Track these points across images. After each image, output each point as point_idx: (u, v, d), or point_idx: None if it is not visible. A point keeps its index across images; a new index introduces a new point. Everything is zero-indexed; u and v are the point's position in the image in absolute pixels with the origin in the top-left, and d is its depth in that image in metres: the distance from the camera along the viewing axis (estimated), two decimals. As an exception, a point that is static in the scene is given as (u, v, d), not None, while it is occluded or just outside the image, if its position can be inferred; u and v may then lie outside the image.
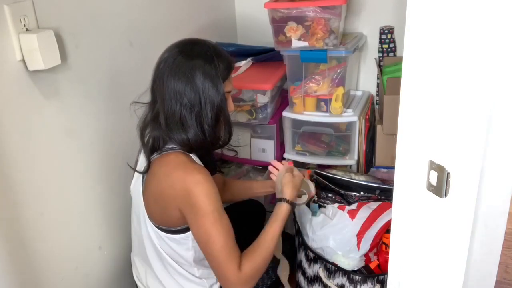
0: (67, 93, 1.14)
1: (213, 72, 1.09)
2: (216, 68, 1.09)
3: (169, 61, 1.09)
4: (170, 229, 1.12)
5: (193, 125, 1.09)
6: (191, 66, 1.07)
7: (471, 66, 0.61)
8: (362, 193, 1.52)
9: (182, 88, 1.07)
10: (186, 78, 1.07)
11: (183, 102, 1.07)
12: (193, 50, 1.10)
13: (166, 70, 1.09)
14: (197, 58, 1.08)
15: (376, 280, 1.36)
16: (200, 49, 1.11)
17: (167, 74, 1.08)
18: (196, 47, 1.12)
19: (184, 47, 1.12)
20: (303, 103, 1.76)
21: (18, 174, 1.02)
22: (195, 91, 1.07)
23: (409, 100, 0.71)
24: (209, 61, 1.09)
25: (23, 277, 1.06)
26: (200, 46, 1.12)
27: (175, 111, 1.08)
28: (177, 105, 1.07)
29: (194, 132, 1.09)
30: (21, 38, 0.98)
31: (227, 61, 1.14)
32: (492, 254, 0.72)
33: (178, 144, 1.10)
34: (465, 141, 0.64)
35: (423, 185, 0.71)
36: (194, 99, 1.07)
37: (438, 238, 0.73)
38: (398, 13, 1.76)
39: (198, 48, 1.11)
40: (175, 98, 1.07)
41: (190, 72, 1.07)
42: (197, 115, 1.08)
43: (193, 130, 1.09)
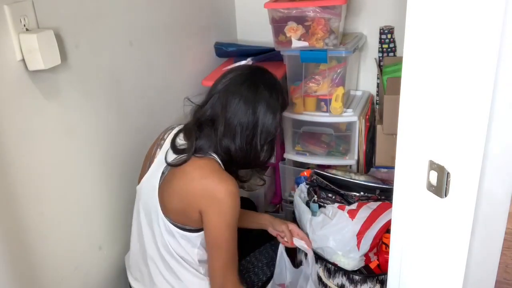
0: (67, 93, 1.14)
1: (275, 105, 1.19)
2: (278, 101, 1.20)
3: (238, 80, 1.18)
4: (184, 227, 1.15)
5: (242, 141, 1.16)
6: (258, 93, 1.16)
7: (471, 66, 0.61)
8: (362, 193, 1.52)
9: (244, 110, 1.15)
10: (251, 104, 1.15)
11: (241, 121, 1.15)
12: (262, 78, 1.20)
13: (232, 86, 1.17)
14: (264, 89, 1.17)
15: (376, 280, 1.36)
16: (268, 80, 1.21)
17: (233, 91, 1.16)
18: (265, 76, 1.22)
19: (254, 71, 1.23)
20: (303, 103, 1.76)
21: (18, 174, 1.02)
22: (255, 117, 1.16)
23: (409, 100, 0.71)
24: (274, 94, 1.19)
25: (23, 277, 1.06)
26: (268, 76, 1.23)
27: (232, 125, 1.15)
28: (235, 120, 1.15)
29: (241, 147, 1.16)
30: (21, 38, 0.97)
31: (286, 98, 1.31)
32: (492, 254, 0.72)
33: (223, 151, 1.16)
34: (465, 141, 0.64)
35: (423, 185, 0.71)
36: (251, 123, 1.16)
37: (438, 238, 0.73)
38: (398, 13, 1.76)
39: (267, 79, 1.21)
40: (234, 115, 1.15)
41: (256, 100, 1.16)
42: (248, 135, 1.16)
43: (241, 144, 1.16)
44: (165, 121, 1.53)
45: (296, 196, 1.60)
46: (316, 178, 1.59)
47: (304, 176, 1.68)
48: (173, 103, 1.57)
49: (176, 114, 1.23)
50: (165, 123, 1.34)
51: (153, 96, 1.51)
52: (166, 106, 1.57)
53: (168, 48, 1.59)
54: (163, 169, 1.17)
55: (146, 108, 1.47)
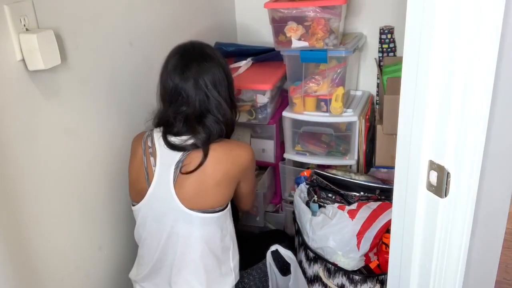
0: (67, 93, 1.14)
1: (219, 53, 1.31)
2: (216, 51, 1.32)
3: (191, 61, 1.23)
4: (215, 210, 1.21)
5: (228, 102, 1.25)
6: (214, 53, 1.27)
7: (471, 66, 0.61)
8: (362, 193, 1.52)
9: (220, 75, 1.23)
10: (213, 65, 1.23)
11: (223, 86, 1.24)
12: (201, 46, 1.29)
13: (194, 68, 1.21)
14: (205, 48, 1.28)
15: (376, 280, 1.36)
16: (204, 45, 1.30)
17: (199, 71, 1.21)
18: (198, 44, 1.29)
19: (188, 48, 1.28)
20: (303, 103, 1.76)
21: (18, 174, 1.02)
22: (226, 73, 1.26)
23: (409, 100, 0.71)
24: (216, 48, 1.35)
25: (23, 277, 1.06)
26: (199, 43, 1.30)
27: (221, 98, 1.23)
28: (222, 89, 1.23)
29: (228, 113, 1.25)
30: (21, 38, 0.97)
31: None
32: (492, 254, 0.72)
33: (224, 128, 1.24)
34: (465, 141, 0.64)
35: (423, 185, 0.71)
36: (224, 77, 1.24)
37: (438, 238, 0.73)
38: (398, 13, 1.76)
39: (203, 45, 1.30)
40: (218, 86, 1.22)
41: (216, 57, 1.25)
42: (228, 92, 1.26)
43: (230, 109, 1.27)
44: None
45: (296, 196, 1.61)
46: (316, 178, 1.59)
47: (304, 176, 1.68)
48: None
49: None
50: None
51: (153, 96, 1.51)
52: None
53: (168, 48, 1.59)
54: (173, 170, 1.17)
55: (146, 108, 1.47)
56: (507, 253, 0.71)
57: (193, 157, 1.18)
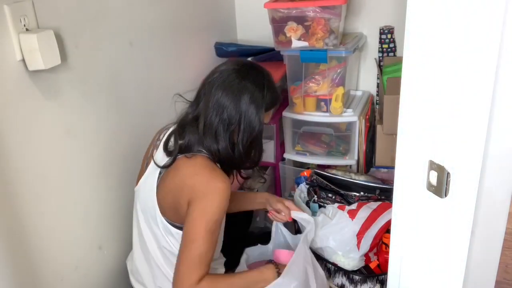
0: (67, 93, 1.14)
1: (259, 100, 1.13)
2: (264, 97, 1.14)
3: (224, 74, 1.14)
4: (182, 226, 1.13)
5: (225, 141, 1.13)
6: (241, 86, 1.12)
7: (471, 66, 0.61)
8: (362, 193, 1.52)
9: (227, 103, 1.11)
10: (234, 96, 1.11)
11: (223, 116, 1.12)
12: (248, 73, 1.15)
13: (217, 81, 1.13)
14: (249, 82, 1.13)
15: (376, 280, 1.36)
16: (256, 75, 1.15)
17: (217, 85, 1.13)
18: (253, 71, 1.16)
19: (241, 67, 1.16)
20: (303, 103, 1.76)
21: (18, 174, 1.02)
22: (237, 111, 1.11)
23: (409, 100, 0.71)
24: (259, 88, 1.13)
25: (23, 277, 1.06)
26: (256, 72, 1.17)
27: (213, 121, 1.12)
28: (216, 117, 1.12)
29: (225, 147, 1.13)
30: (21, 38, 0.97)
31: (276, 95, 1.19)
32: (492, 254, 0.72)
33: (208, 151, 1.14)
34: (465, 141, 0.64)
35: (423, 185, 0.71)
36: (234, 118, 1.12)
37: (438, 238, 0.73)
38: (398, 13, 1.76)
39: (254, 73, 1.16)
40: (217, 110, 1.12)
41: (239, 92, 1.11)
42: (231, 133, 1.13)
43: (224, 144, 1.13)
44: (165, 121, 1.53)
45: (296, 196, 1.61)
46: (316, 178, 1.60)
47: (304, 176, 1.68)
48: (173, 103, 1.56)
49: (175, 114, 1.23)
50: (164, 122, 1.34)
51: (153, 96, 1.51)
52: (166, 106, 1.57)
53: (168, 48, 1.59)
54: (160, 169, 1.17)
55: (146, 108, 1.47)
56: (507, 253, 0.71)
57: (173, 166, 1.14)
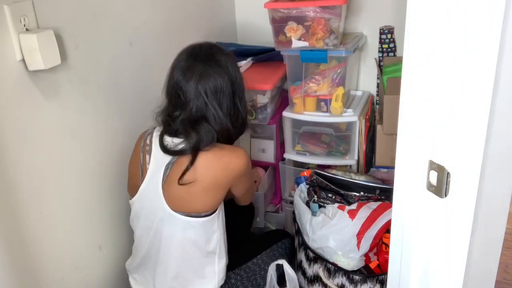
0: (67, 93, 1.14)
1: (233, 57, 1.24)
2: (232, 55, 1.24)
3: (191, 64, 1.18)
4: (200, 214, 1.18)
5: (230, 107, 1.20)
6: (220, 60, 1.19)
7: (471, 66, 0.61)
8: (362, 193, 1.52)
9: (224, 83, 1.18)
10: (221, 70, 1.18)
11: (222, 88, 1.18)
12: (211, 50, 1.22)
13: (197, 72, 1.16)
14: (217, 51, 1.21)
15: (376, 280, 1.36)
16: (216, 49, 1.23)
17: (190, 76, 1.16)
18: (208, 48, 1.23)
19: (196, 50, 1.22)
20: (303, 103, 1.76)
21: (18, 174, 1.02)
22: (226, 81, 1.18)
23: (409, 100, 0.71)
24: (225, 53, 1.22)
25: (23, 277, 1.06)
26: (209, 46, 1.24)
27: (220, 107, 1.18)
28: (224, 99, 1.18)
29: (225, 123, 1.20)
30: (21, 38, 0.98)
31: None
32: (492, 254, 0.72)
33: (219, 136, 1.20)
34: (465, 141, 0.64)
35: (423, 185, 0.71)
36: (229, 84, 1.19)
37: (438, 238, 0.73)
38: (398, 13, 1.76)
39: (214, 49, 1.23)
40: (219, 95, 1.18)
41: (223, 64, 1.19)
42: (231, 99, 1.20)
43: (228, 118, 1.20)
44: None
45: (296, 196, 1.60)
46: (316, 178, 1.59)
47: (304, 176, 1.68)
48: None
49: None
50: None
51: (153, 96, 1.51)
52: (166, 106, 1.57)
53: (168, 48, 1.59)
54: (163, 171, 1.17)
55: (146, 108, 1.47)
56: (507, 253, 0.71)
57: (183, 160, 1.15)
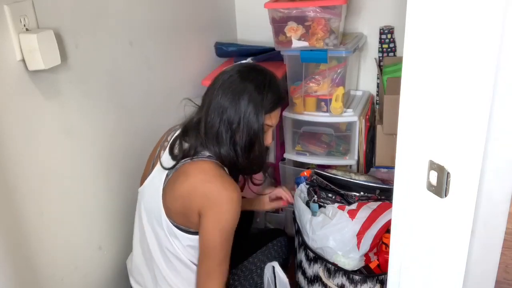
0: (67, 93, 1.14)
1: (258, 100, 1.13)
2: (264, 97, 1.13)
3: (225, 76, 1.16)
4: (189, 230, 1.15)
5: (226, 143, 1.13)
6: (241, 86, 1.13)
7: (471, 66, 0.61)
8: (362, 193, 1.52)
9: (227, 104, 1.12)
10: (233, 97, 1.12)
11: (223, 117, 1.12)
12: (249, 74, 1.16)
13: (218, 83, 1.15)
14: (249, 82, 1.13)
15: (376, 280, 1.36)
16: (256, 76, 1.16)
17: (218, 88, 1.14)
18: (253, 72, 1.17)
19: (243, 68, 1.18)
20: (303, 103, 1.76)
21: (18, 173, 1.02)
22: (236, 111, 1.12)
23: (409, 100, 0.71)
24: (259, 89, 1.13)
25: (23, 277, 1.06)
26: (257, 73, 1.17)
27: (214, 123, 1.13)
28: (217, 118, 1.13)
29: (227, 150, 1.13)
30: (21, 38, 0.98)
31: (278, 96, 1.18)
32: (492, 254, 0.72)
33: (214, 155, 1.15)
34: (465, 141, 0.64)
35: (423, 185, 0.71)
36: (233, 118, 1.12)
37: (438, 238, 0.73)
38: (398, 13, 1.76)
39: (255, 74, 1.16)
40: (217, 112, 1.13)
41: (238, 92, 1.12)
42: (232, 134, 1.13)
43: (226, 147, 1.13)
44: (165, 121, 1.53)
45: (296, 196, 1.60)
46: (316, 178, 1.59)
47: (304, 176, 1.68)
48: (173, 103, 1.55)
49: (176, 114, 1.23)
50: (165, 123, 1.34)
51: (153, 96, 1.51)
52: (166, 106, 1.57)
53: (168, 48, 1.59)
54: (167, 171, 1.16)
55: (146, 108, 1.48)
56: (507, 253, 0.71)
57: (182, 170, 1.14)
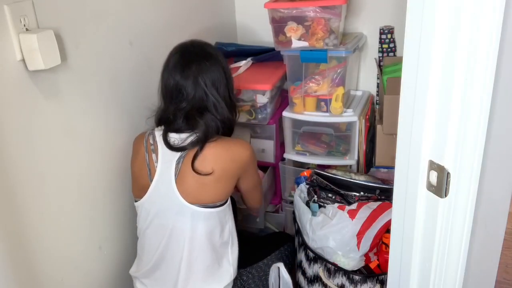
0: (67, 93, 1.14)
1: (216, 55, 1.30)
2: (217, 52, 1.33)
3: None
4: (215, 204, 1.23)
5: (223, 106, 1.26)
6: (215, 53, 1.29)
7: (471, 66, 0.61)
8: (362, 193, 1.52)
9: (219, 74, 1.26)
10: (214, 62, 1.26)
11: (206, 88, 1.24)
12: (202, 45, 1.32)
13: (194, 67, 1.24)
14: (207, 47, 1.31)
15: (376, 280, 1.36)
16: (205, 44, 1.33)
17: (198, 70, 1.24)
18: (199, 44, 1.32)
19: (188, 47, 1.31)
20: (303, 103, 1.76)
21: (18, 174, 1.02)
22: (220, 72, 1.26)
23: (409, 100, 0.71)
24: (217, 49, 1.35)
25: (23, 277, 1.06)
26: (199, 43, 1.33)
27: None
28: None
29: (226, 112, 1.27)
30: (21, 38, 0.97)
31: None
32: (492, 254, 0.72)
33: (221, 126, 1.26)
34: (465, 141, 0.64)
35: (423, 185, 0.71)
36: (217, 78, 1.25)
37: (438, 238, 0.73)
38: (398, 13, 1.76)
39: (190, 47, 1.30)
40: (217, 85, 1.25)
41: (217, 58, 1.28)
42: (222, 95, 1.26)
43: (225, 110, 1.26)
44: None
45: (296, 196, 1.60)
46: (316, 178, 1.59)
47: (304, 176, 1.68)
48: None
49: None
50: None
51: (153, 96, 1.51)
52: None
53: (168, 48, 1.59)
54: (174, 166, 1.20)
55: (146, 107, 1.47)
56: (507, 253, 0.71)
57: (193, 154, 1.20)
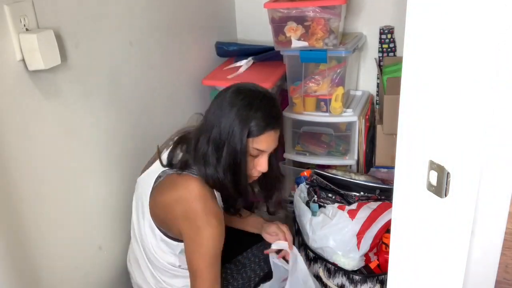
0: (67, 93, 1.14)
1: (244, 120, 1.06)
2: (250, 118, 1.06)
3: (221, 93, 1.13)
4: (167, 233, 1.15)
5: (213, 164, 1.08)
6: (230, 106, 1.07)
7: (471, 66, 0.61)
8: (362, 193, 1.52)
9: (214, 122, 1.08)
10: (221, 114, 1.08)
11: (211, 136, 1.09)
12: (242, 92, 1.10)
13: (213, 102, 1.12)
14: (240, 100, 1.08)
15: (376, 280, 1.36)
16: (249, 93, 1.10)
17: (212, 104, 1.12)
18: (247, 90, 1.12)
19: (238, 86, 1.13)
20: (303, 103, 1.76)
21: (18, 174, 1.02)
22: (222, 129, 1.07)
23: (409, 100, 0.71)
24: (247, 108, 1.07)
25: (23, 277, 1.06)
26: (251, 91, 1.12)
27: (203, 143, 1.10)
28: (205, 138, 1.10)
29: (212, 171, 1.09)
30: (21, 38, 0.98)
31: (267, 117, 1.09)
32: (492, 254, 0.72)
33: (200, 175, 1.10)
34: (465, 141, 0.64)
35: (423, 185, 0.71)
36: (218, 136, 1.08)
37: (438, 238, 0.73)
38: (398, 13, 1.76)
39: (248, 92, 1.11)
40: (206, 130, 1.10)
41: (225, 111, 1.07)
42: (218, 156, 1.08)
43: (212, 168, 1.09)
44: (166, 120, 1.53)
45: (296, 196, 1.61)
46: (316, 178, 1.59)
47: (304, 176, 1.68)
48: (173, 103, 1.56)
49: (176, 114, 1.24)
50: (165, 122, 1.34)
51: (153, 96, 1.51)
52: (166, 106, 1.58)
53: (168, 48, 1.59)
54: (160, 172, 1.16)
55: (146, 108, 1.47)
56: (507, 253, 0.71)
57: (168, 179, 1.13)
